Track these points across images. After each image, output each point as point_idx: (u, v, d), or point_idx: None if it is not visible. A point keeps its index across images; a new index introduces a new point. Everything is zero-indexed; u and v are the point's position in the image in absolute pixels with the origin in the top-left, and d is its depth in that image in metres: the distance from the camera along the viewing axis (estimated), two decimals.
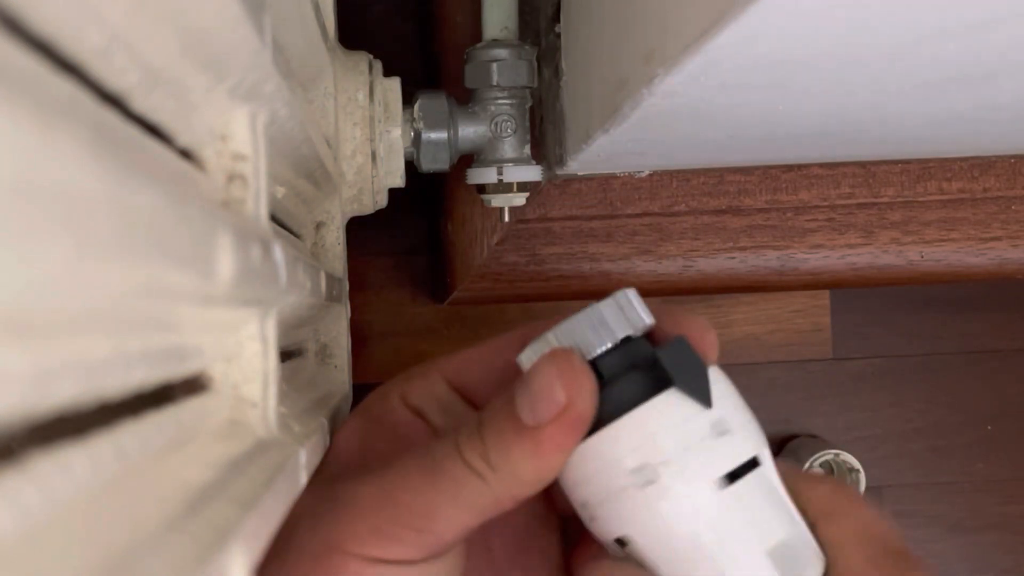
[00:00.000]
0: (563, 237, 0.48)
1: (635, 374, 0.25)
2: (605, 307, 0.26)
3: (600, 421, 0.25)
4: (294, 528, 0.26)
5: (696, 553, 0.25)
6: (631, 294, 0.26)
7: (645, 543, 0.25)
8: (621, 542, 0.26)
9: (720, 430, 0.25)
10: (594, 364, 0.25)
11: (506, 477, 0.26)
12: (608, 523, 0.26)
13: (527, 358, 0.26)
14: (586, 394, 0.25)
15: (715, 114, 0.33)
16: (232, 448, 0.20)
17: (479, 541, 0.28)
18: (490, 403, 0.27)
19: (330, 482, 0.27)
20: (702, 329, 0.27)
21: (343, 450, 0.30)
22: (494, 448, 0.26)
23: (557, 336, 0.26)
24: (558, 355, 0.26)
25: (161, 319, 0.17)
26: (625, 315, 0.26)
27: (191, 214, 0.15)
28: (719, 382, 0.26)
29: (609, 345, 0.25)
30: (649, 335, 0.27)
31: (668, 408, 0.25)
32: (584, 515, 0.26)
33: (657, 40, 0.27)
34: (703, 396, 0.25)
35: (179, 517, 0.15)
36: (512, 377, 0.27)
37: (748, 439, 0.25)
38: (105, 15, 0.14)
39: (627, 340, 0.26)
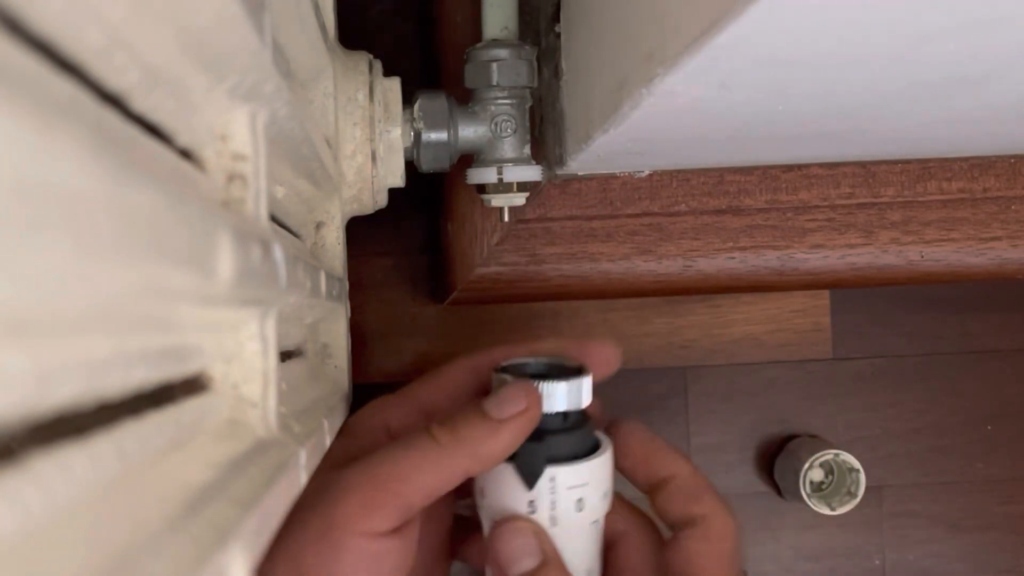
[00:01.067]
0: (563, 237, 0.48)
1: (570, 437, 0.36)
2: (559, 385, 0.35)
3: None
4: (294, 514, 0.31)
5: None
6: (585, 383, 0.36)
7: None
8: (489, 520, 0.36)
9: (580, 504, 0.36)
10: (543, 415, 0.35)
11: (466, 450, 0.34)
12: (483, 509, 0.37)
13: (498, 380, 0.36)
14: (538, 408, 0.35)
15: (715, 114, 0.33)
16: (232, 448, 0.20)
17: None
18: (462, 407, 0.35)
19: (324, 474, 0.33)
20: (601, 348, 0.38)
21: (330, 460, 0.35)
22: (462, 425, 0.34)
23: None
24: (524, 382, 0.35)
25: (161, 319, 0.17)
26: (565, 398, 0.35)
27: (191, 214, 0.15)
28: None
29: (553, 412, 0.35)
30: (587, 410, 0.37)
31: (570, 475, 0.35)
32: (482, 504, 0.37)
33: (657, 40, 0.27)
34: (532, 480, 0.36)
35: (179, 517, 0.15)
36: (468, 395, 0.39)
37: (604, 509, 0.37)
38: (105, 15, 0.14)
39: (565, 415, 0.36)
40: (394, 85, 0.41)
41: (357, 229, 0.45)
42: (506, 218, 0.46)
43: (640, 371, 0.67)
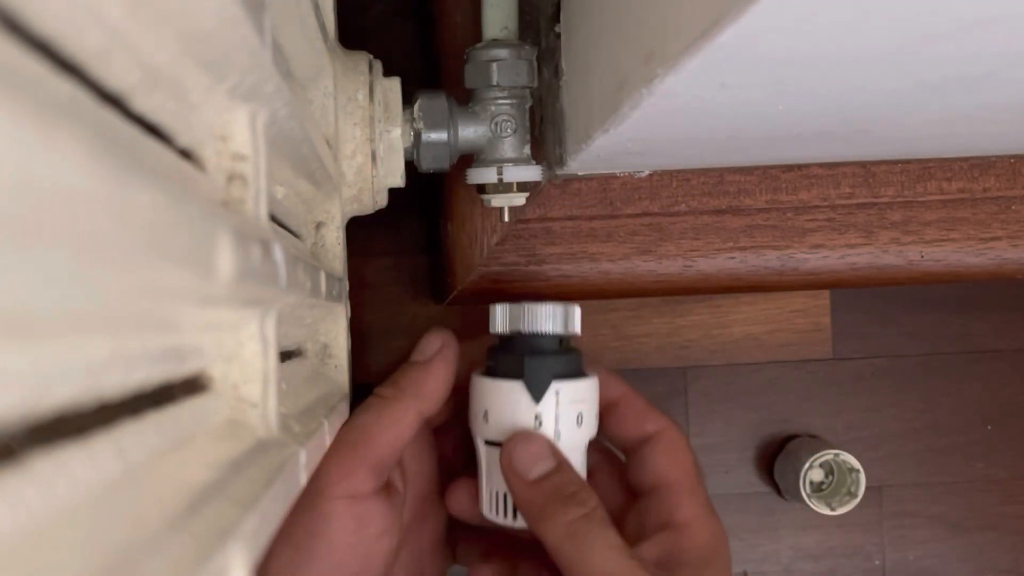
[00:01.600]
0: (563, 237, 0.48)
1: (568, 358, 0.40)
2: (554, 307, 0.40)
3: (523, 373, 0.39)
4: None
5: None
6: (575, 310, 0.40)
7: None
8: (490, 443, 0.40)
9: (580, 419, 0.39)
10: (531, 336, 0.39)
11: (409, 395, 0.38)
12: (486, 432, 0.40)
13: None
14: (453, 344, 0.40)
15: (715, 114, 0.33)
16: (232, 448, 0.20)
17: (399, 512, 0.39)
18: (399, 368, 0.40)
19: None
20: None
21: None
22: (399, 377, 0.39)
23: (521, 309, 0.40)
24: (438, 329, 0.41)
25: (161, 319, 0.17)
26: (562, 320, 0.39)
27: (191, 214, 0.15)
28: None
29: (552, 333, 0.39)
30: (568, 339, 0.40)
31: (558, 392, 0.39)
32: (484, 429, 0.40)
33: (657, 40, 0.27)
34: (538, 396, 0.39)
35: (179, 517, 0.15)
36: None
37: (595, 430, 0.40)
38: (105, 15, 0.14)
39: (561, 339, 0.40)
40: (394, 85, 0.41)
41: (357, 229, 0.45)
42: (506, 218, 0.46)
43: (640, 371, 0.67)
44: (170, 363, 0.18)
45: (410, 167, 0.42)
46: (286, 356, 0.33)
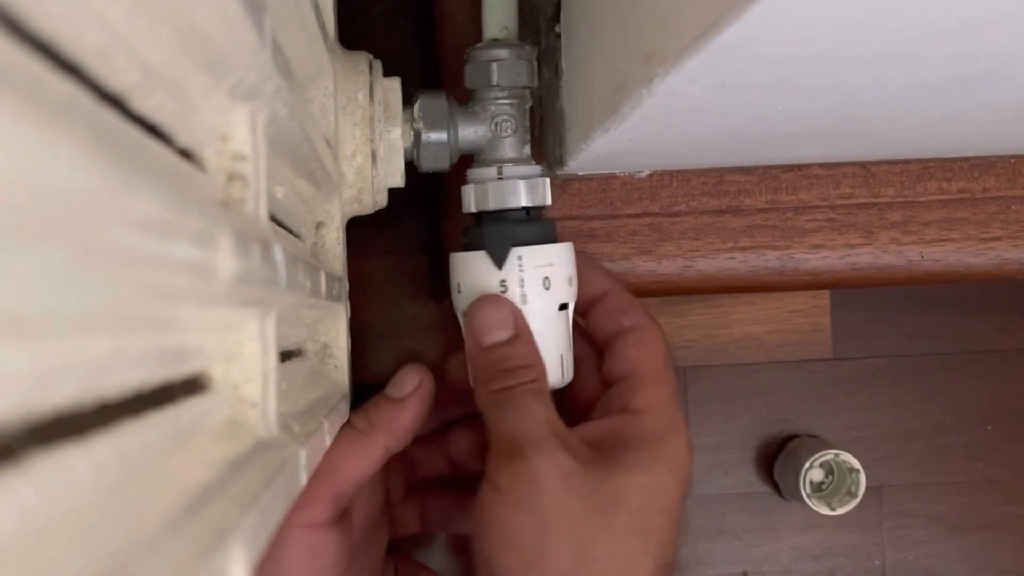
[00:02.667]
0: (563, 237, 0.48)
1: (532, 225, 0.41)
2: (519, 183, 0.41)
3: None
4: None
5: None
6: (542, 181, 0.41)
7: None
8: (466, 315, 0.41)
9: (546, 282, 0.40)
10: (497, 210, 0.41)
11: (381, 431, 0.38)
12: (461, 303, 0.41)
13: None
14: (429, 383, 0.40)
15: (715, 114, 0.33)
16: (232, 448, 0.20)
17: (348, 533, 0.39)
18: (371, 398, 0.40)
19: None
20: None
21: None
22: (373, 412, 0.39)
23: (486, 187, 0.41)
24: (415, 365, 0.41)
25: (161, 319, 0.17)
26: (527, 192, 0.41)
27: (191, 214, 0.15)
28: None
29: (517, 207, 0.41)
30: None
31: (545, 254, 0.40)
32: (459, 301, 0.41)
33: (657, 40, 0.27)
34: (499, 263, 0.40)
35: (179, 517, 0.15)
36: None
37: (570, 295, 0.41)
38: (105, 15, 0.14)
39: (527, 209, 0.41)
40: (394, 85, 0.41)
41: (357, 229, 0.45)
42: None
43: None
44: (170, 363, 0.18)
45: (410, 167, 0.42)
46: (286, 356, 0.33)
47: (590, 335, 0.43)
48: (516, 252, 0.40)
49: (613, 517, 0.35)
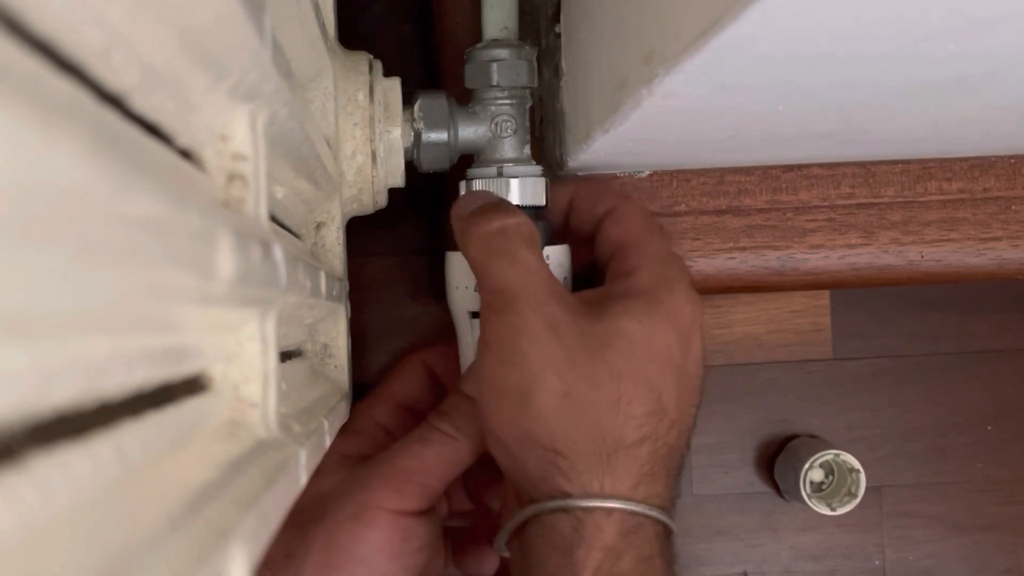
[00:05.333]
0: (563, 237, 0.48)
1: (548, 227, 0.41)
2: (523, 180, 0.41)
3: None
4: (323, 503, 0.38)
5: None
6: (543, 182, 0.41)
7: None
8: (474, 314, 0.42)
9: (566, 282, 0.42)
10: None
11: (470, 437, 0.39)
12: (471, 303, 0.42)
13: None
14: None
15: (715, 114, 0.33)
16: (232, 448, 0.20)
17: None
18: (448, 398, 0.41)
19: (344, 468, 0.40)
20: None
21: (339, 455, 0.41)
22: (455, 413, 0.40)
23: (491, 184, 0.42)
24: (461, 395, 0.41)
25: (161, 319, 0.17)
26: (531, 192, 0.41)
27: (191, 214, 0.15)
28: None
29: (540, 205, 0.41)
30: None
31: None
32: (457, 294, 0.42)
33: (657, 40, 0.27)
34: None
35: (179, 517, 0.15)
36: (430, 384, 0.47)
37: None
38: (105, 15, 0.14)
39: (540, 208, 0.41)
40: (394, 85, 0.41)
41: (357, 229, 0.45)
42: None
43: None
44: (170, 363, 0.18)
45: (410, 167, 0.42)
46: (286, 356, 0.33)
47: (578, 240, 0.43)
48: (546, 252, 0.40)
49: (599, 363, 0.35)
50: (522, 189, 0.41)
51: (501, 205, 0.38)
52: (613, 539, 0.34)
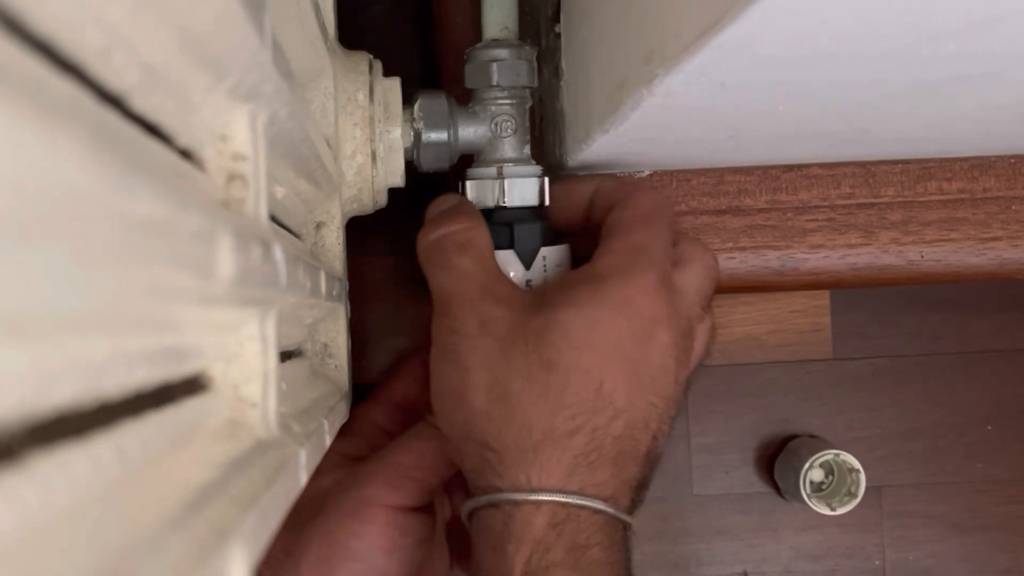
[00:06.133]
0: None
1: (547, 226, 0.41)
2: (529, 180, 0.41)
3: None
4: (321, 500, 0.39)
5: None
6: (546, 180, 0.42)
7: None
8: None
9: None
10: (514, 207, 0.41)
11: None
12: None
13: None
14: None
15: (715, 114, 0.33)
16: (232, 448, 0.20)
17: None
18: None
19: (338, 468, 0.40)
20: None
21: (339, 455, 0.42)
22: None
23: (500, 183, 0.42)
24: None
25: (161, 319, 0.17)
26: (537, 191, 0.41)
27: (191, 214, 0.15)
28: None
29: (536, 204, 0.41)
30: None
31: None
32: None
33: (657, 40, 0.27)
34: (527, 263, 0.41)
35: (179, 517, 0.15)
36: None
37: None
38: (105, 15, 0.14)
39: (537, 208, 0.41)
40: (394, 85, 0.41)
41: (357, 229, 0.45)
42: None
43: None
44: (170, 363, 0.18)
45: (410, 167, 0.42)
46: (286, 356, 0.33)
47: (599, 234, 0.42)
48: (543, 252, 0.41)
49: (531, 354, 0.34)
50: (522, 189, 0.41)
51: (446, 213, 0.39)
52: (542, 531, 0.33)
